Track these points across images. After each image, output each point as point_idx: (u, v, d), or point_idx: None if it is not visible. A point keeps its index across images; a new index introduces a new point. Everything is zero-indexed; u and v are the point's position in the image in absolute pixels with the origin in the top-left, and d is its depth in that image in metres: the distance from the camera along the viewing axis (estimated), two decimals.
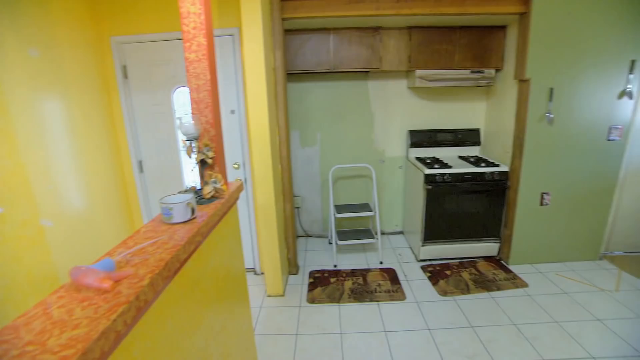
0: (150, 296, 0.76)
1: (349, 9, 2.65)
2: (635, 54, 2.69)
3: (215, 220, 1.28)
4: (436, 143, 3.36)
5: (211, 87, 1.38)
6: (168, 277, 0.88)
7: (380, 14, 2.65)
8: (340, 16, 2.67)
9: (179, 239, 0.96)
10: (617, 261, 3.09)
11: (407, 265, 3.09)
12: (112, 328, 0.60)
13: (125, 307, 0.64)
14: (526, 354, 2.08)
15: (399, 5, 2.65)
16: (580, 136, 2.82)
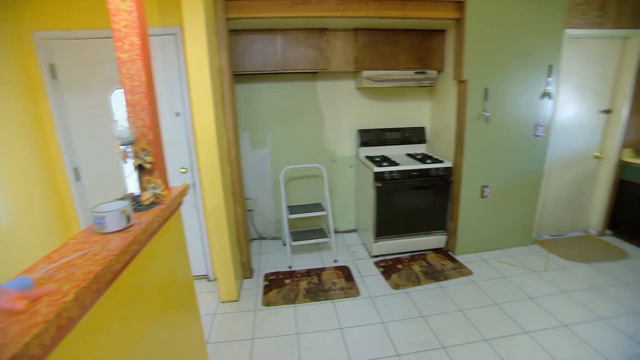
0: (76, 312, 0.71)
1: (294, 10, 2.65)
2: (552, 60, 2.98)
3: (155, 227, 1.22)
4: (385, 142, 3.48)
5: (147, 89, 1.31)
6: (99, 291, 0.83)
7: (326, 15, 2.69)
8: (286, 17, 2.66)
9: (112, 249, 0.90)
10: (546, 244, 3.41)
11: (361, 262, 3.17)
12: (25, 353, 0.55)
13: (42, 328, 0.59)
14: (471, 336, 2.23)
15: (344, 8, 2.70)
16: (512, 132, 3.07)
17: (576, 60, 3.19)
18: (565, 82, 3.19)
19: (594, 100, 3.34)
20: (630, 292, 2.65)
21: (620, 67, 3.29)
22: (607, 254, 3.21)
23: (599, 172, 3.54)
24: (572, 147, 3.41)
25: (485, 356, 2.07)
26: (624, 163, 3.40)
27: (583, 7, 2.98)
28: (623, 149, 3.39)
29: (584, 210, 3.66)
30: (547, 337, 2.21)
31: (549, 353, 2.08)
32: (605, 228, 3.62)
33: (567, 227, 3.66)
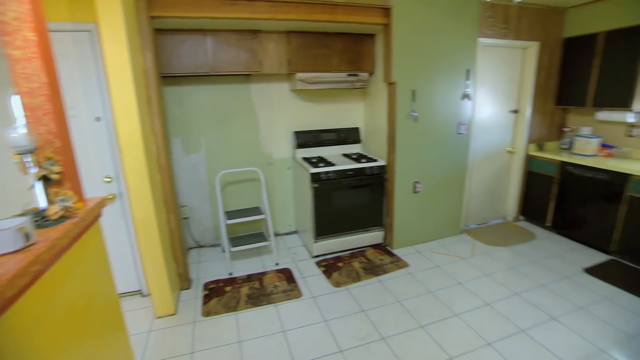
0: None
1: (223, 11, 2.58)
2: (469, 64, 3.27)
3: (66, 244, 1.10)
4: (321, 143, 3.55)
5: (51, 91, 1.18)
6: None
7: (256, 17, 2.66)
8: (215, 17, 2.58)
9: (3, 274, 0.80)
10: (472, 233, 3.73)
11: (302, 263, 3.18)
12: None
13: None
14: (408, 325, 2.35)
15: (275, 10, 2.70)
16: (438, 131, 3.30)
17: (489, 66, 3.53)
18: (481, 84, 3.52)
19: (504, 102, 3.73)
20: (537, 268, 3.01)
21: (522, 72, 3.72)
22: (521, 237, 3.61)
23: (512, 165, 3.97)
24: (490, 143, 3.78)
25: (422, 341, 2.20)
26: (530, 156, 3.85)
27: (491, 19, 3.32)
28: (529, 144, 3.84)
29: (502, 200, 4.07)
30: (474, 316, 2.42)
31: (475, 330, 2.28)
32: (519, 214, 4.07)
33: (489, 215, 4.04)
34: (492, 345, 2.16)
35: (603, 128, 3.66)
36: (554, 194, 3.64)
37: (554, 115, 3.94)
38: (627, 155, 3.44)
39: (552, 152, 3.76)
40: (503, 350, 2.12)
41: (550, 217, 3.71)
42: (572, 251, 3.33)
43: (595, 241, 3.31)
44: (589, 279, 2.86)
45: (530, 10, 3.46)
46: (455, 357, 2.08)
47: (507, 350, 2.12)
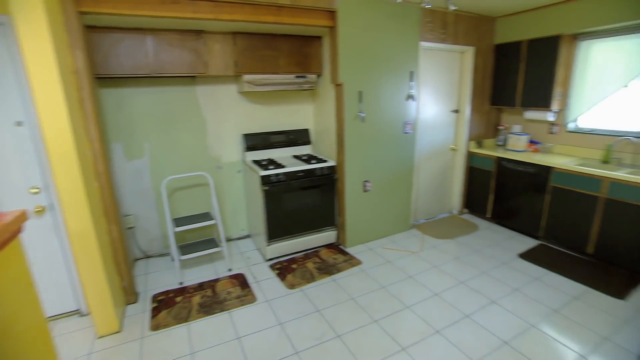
0: None
1: (163, 10, 2.47)
2: (412, 67, 3.43)
3: None
4: (271, 145, 3.52)
5: None
6: None
7: (199, 17, 2.57)
8: (154, 16, 2.46)
9: None
10: (421, 228, 3.91)
11: (256, 267, 3.14)
12: None
13: None
14: (362, 320, 2.41)
15: (218, 10, 2.63)
16: (385, 131, 3.42)
17: (431, 68, 3.73)
18: (424, 86, 3.71)
19: (446, 102, 3.96)
20: (480, 257, 3.24)
21: (461, 75, 3.98)
22: (465, 229, 3.85)
23: (455, 161, 4.23)
24: (434, 141, 3.99)
25: (376, 336, 2.26)
26: (471, 153, 4.12)
27: (431, 24, 3.51)
28: (469, 141, 4.12)
29: (448, 195, 4.31)
30: (424, 307, 2.54)
31: (425, 320, 2.39)
32: (463, 208, 4.34)
33: (436, 210, 4.26)
34: (441, 333, 2.28)
35: (530, 126, 4.02)
36: (493, 187, 3.93)
37: (490, 114, 4.26)
38: (550, 150, 3.81)
39: (489, 149, 4.06)
40: (450, 336, 2.24)
41: (490, 209, 4.00)
42: (509, 239, 3.61)
43: (527, 228, 3.63)
44: (522, 263, 3.13)
45: (465, 17, 3.71)
46: (407, 347, 2.16)
47: (454, 335, 2.25)
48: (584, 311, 2.47)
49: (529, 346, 2.15)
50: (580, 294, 2.67)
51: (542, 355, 2.09)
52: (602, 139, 3.41)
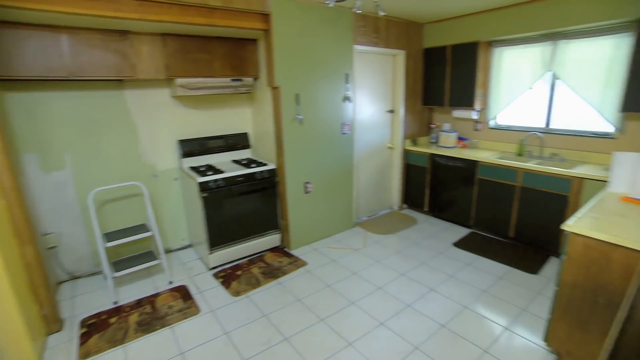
0: None
1: (78, 6, 2.26)
2: (347, 69, 3.54)
3: None
4: (209, 150, 3.41)
5: None
6: None
7: (122, 16, 2.41)
8: (67, 13, 2.25)
9: None
10: (364, 225, 4.05)
11: (199, 277, 3.01)
12: None
13: None
14: (309, 321, 2.42)
15: (143, 10, 2.49)
16: (324, 132, 3.49)
17: (366, 70, 3.88)
18: (360, 87, 3.84)
19: (382, 103, 4.15)
20: (419, 249, 3.43)
21: (394, 77, 4.19)
22: (405, 223, 4.05)
23: (393, 159, 4.44)
24: (372, 141, 4.15)
25: (323, 334, 2.29)
26: (407, 151, 4.36)
27: (364, 28, 3.65)
28: (405, 140, 4.35)
29: (388, 192, 4.51)
30: (368, 301, 2.62)
31: (370, 314, 2.47)
32: (403, 203, 4.57)
33: (377, 207, 4.43)
34: (385, 324, 2.37)
35: (458, 124, 4.36)
36: (428, 182, 4.19)
37: (423, 114, 4.54)
38: (476, 146, 4.17)
39: (423, 146, 4.32)
40: (393, 326, 2.35)
41: (427, 203, 4.26)
42: (445, 230, 3.88)
43: (460, 219, 3.92)
44: (456, 251, 3.38)
45: (395, 22, 3.91)
46: (353, 342, 2.22)
47: (397, 325, 2.36)
48: (506, 288, 2.74)
49: (463, 326, 2.33)
50: (504, 273, 2.95)
51: (475, 332, 2.27)
52: (516, 134, 3.81)
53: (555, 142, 3.52)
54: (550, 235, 3.16)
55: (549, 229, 3.14)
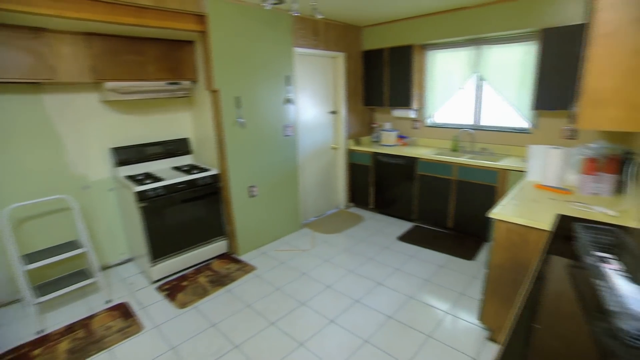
0: None
1: None
2: (288, 71, 3.55)
3: None
4: (147, 157, 3.22)
5: None
6: None
7: (33, 12, 2.18)
8: None
9: None
10: (312, 225, 4.08)
11: (141, 292, 2.83)
12: None
13: None
14: (260, 326, 2.39)
15: (60, 6, 2.28)
16: (266, 135, 3.46)
17: (307, 72, 3.92)
18: (302, 89, 3.87)
19: (324, 104, 4.22)
20: (366, 245, 3.54)
21: (335, 78, 4.29)
22: (352, 222, 4.16)
23: (337, 159, 4.53)
24: (316, 142, 4.20)
25: (274, 338, 2.27)
26: (350, 150, 4.48)
27: (303, 31, 3.68)
28: (348, 140, 4.47)
29: (334, 191, 4.60)
30: (318, 300, 2.65)
31: (320, 313, 2.50)
32: (349, 202, 4.69)
33: (325, 207, 4.50)
34: (335, 321, 2.41)
35: (398, 123, 4.57)
36: (372, 180, 4.34)
37: (364, 114, 4.69)
38: (415, 143, 4.40)
39: (366, 145, 4.46)
40: (343, 322, 2.40)
41: (372, 200, 4.41)
42: (390, 225, 4.04)
43: (403, 214, 4.11)
44: (401, 245, 3.54)
45: (334, 25, 4.00)
46: (305, 342, 2.23)
47: (347, 321, 2.41)
48: (447, 276, 2.93)
49: (409, 315, 2.45)
50: (445, 262, 3.16)
51: (419, 320, 2.39)
52: (450, 131, 4.09)
53: (484, 137, 3.84)
54: (482, 223, 3.43)
55: (482, 218, 3.42)
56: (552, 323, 0.87)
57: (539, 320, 0.86)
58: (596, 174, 2.21)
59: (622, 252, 1.13)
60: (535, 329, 0.82)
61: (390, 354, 2.11)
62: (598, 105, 1.52)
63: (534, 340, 0.80)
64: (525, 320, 0.86)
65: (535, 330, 0.82)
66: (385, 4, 3.33)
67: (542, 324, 0.85)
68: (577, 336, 0.82)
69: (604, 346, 0.77)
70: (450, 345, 2.16)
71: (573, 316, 0.90)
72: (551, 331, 0.84)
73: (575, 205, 2.03)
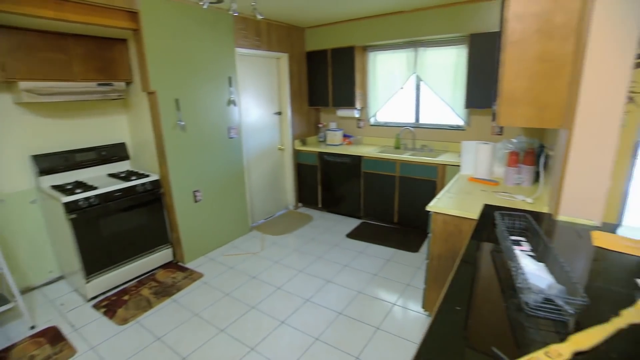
0: None
1: None
2: (230, 72, 3.47)
3: None
4: (77, 165, 2.96)
5: None
6: None
7: None
8: None
9: None
10: (261, 228, 4.04)
11: (74, 312, 2.60)
12: None
13: None
14: (209, 334, 2.31)
15: None
16: (210, 137, 3.35)
17: (250, 73, 3.86)
18: (245, 90, 3.81)
19: (269, 105, 4.19)
20: (315, 244, 3.58)
21: (279, 79, 4.28)
22: (301, 222, 4.18)
23: (284, 160, 4.52)
24: (262, 143, 4.16)
25: (224, 345, 2.21)
26: (297, 151, 4.50)
27: (244, 31, 3.62)
28: (294, 140, 4.48)
29: (282, 192, 4.58)
30: (268, 303, 2.63)
31: (271, 315, 2.48)
32: (298, 202, 4.71)
33: (273, 208, 4.47)
34: (286, 322, 2.41)
35: (343, 122, 4.68)
36: (320, 180, 4.39)
37: (310, 114, 4.74)
38: (360, 142, 4.53)
39: (312, 145, 4.51)
40: (294, 322, 2.40)
41: (320, 200, 4.46)
42: (338, 223, 4.12)
43: (351, 211, 4.22)
44: (349, 242, 3.63)
45: (276, 26, 3.99)
46: (255, 346, 2.20)
47: (297, 321, 2.42)
48: (394, 269, 3.06)
49: (358, 309, 2.52)
50: (391, 256, 3.29)
51: (368, 313, 2.47)
52: (393, 129, 4.27)
53: (424, 135, 4.06)
54: (425, 216, 3.62)
55: (424, 212, 3.61)
56: (473, 303, 0.95)
57: (460, 302, 0.94)
58: (518, 166, 2.44)
59: (531, 234, 1.27)
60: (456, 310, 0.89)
61: (340, 349, 2.16)
62: (512, 104, 1.69)
63: (456, 320, 0.86)
64: (449, 302, 0.93)
65: (457, 311, 0.89)
66: (325, 6, 3.39)
67: (464, 305, 0.92)
68: (493, 313, 0.90)
69: (513, 319, 0.86)
70: (397, 335, 2.26)
71: (491, 295, 0.99)
72: (471, 310, 0.92)
73: (501, 195, 2.23)
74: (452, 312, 0.89)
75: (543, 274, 0.93)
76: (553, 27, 1.54)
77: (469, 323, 0.86)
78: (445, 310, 0.90)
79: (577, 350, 0.70)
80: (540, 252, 1.15)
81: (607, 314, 0.83)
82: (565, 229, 1.45)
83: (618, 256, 1.18)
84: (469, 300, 0.96)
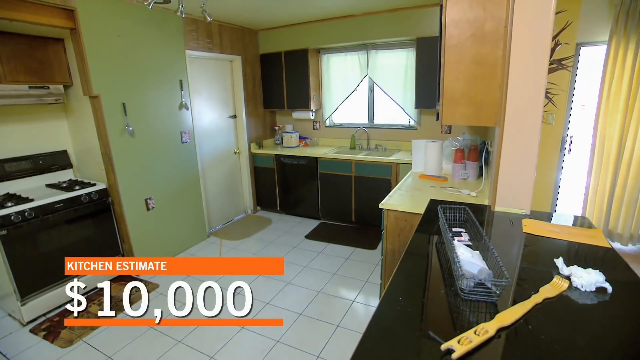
0: None
1: None
2: (181, 75, 3.38)
3: None
4: (7, 175, 2.70)
5: None
6: None
7: None
8: None
9: None
10: (219, 233, 3.96)
11: (9, 339, 2.37)
12: None
13: None
14: (166, 346, 2.24)
15: None
16: (161, 143, 3.23)
17: (202, 76, 3.77)
18: (198, 94, 3.71)
19: (223, 108, 4.11)
20: (275, 247, 3.58)
21: (233, 82, 4.22)
22: (261, 225, 4.15)
23: (241, 164, 4.47)
24: (217, 147, 4.08)
25: (183, 356, 2.16)
26: (253, 154, 4.46)
27: (195, 33, 3.53)
28: (250, 143, 4.44)
29: (240, 196, 4.52)
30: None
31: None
32: (256, 205, 4.66)
33: (231, 213, 4.39)
34: (246, 327, 2.38)
35: (299, 124, 4.70)
36: (277, 183, 4.38)
37: (265, 117, 4.71)
38: (316, 143, 4.59)
39: (269, 148, 4.49)
40: (254, 326, 2.38)
41: (279, 202, 4.45)
42: (297, 225, 4.14)
43: (309, 212, 4.25)
44: (308, 242, 3.66)
45: (228, 28, 3.93)
46: (215, 354, 2.18)
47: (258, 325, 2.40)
48: (352, 266, 3.13)
49: (318, 309, 2.55)
50: (350, 254, 3.37)
51: (328, 312, 2.51)
52: (348, 130, 4.36)
53: (378, 135, 4.20)
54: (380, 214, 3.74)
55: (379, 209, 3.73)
56: (415, 292, 1.01)
57: (403, 292, 0.99)
58: (463, 162, 2.61)
59: (469, 225, 1.37)
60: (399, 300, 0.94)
61: (302, 349, 2.17)
62: (452, 104, 1.80)
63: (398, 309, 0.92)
64: (392, 293, 0.98)
65: (399, 301, 0.94)
66: (276, 8, 3.40)
67: (407, 295, 0.98)
68: (433, 300, 0.97)
69: (451, 304, 0.93)
70: (357, 331, 2.32)
71: (433, 284, 1.06)
72: (413, 299, 0.97)
73: (448, 190, 2.36)
74: (395, 302, 0.95)
75: (477, 261, 1.01)
76: (485, 33, 1.67)
77: (410, 311, 0.91)
78: (389, 301, 0.95)
79: (501, 326, 0.78)
80: (476, 241, 1.25)
81: (529, 291, 0.92)
82: (501, 219, 1.58)
83: (544, 240, 1.31)
84: (411, 289, 1.02)
